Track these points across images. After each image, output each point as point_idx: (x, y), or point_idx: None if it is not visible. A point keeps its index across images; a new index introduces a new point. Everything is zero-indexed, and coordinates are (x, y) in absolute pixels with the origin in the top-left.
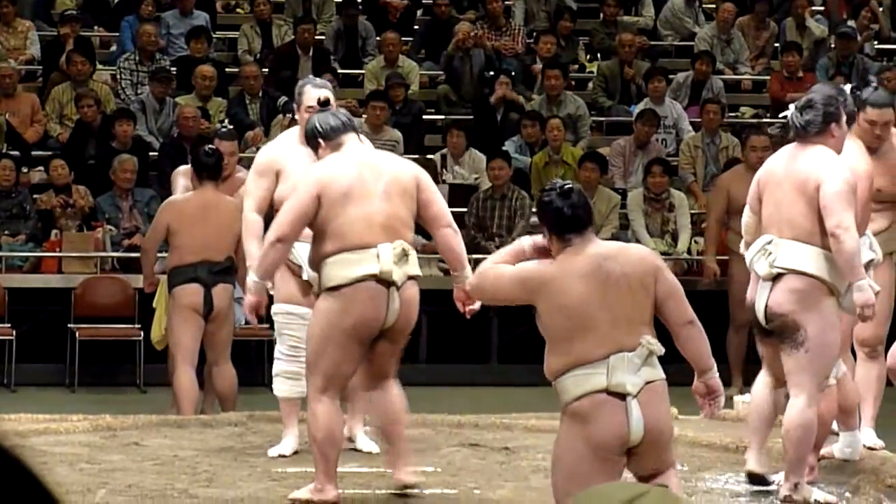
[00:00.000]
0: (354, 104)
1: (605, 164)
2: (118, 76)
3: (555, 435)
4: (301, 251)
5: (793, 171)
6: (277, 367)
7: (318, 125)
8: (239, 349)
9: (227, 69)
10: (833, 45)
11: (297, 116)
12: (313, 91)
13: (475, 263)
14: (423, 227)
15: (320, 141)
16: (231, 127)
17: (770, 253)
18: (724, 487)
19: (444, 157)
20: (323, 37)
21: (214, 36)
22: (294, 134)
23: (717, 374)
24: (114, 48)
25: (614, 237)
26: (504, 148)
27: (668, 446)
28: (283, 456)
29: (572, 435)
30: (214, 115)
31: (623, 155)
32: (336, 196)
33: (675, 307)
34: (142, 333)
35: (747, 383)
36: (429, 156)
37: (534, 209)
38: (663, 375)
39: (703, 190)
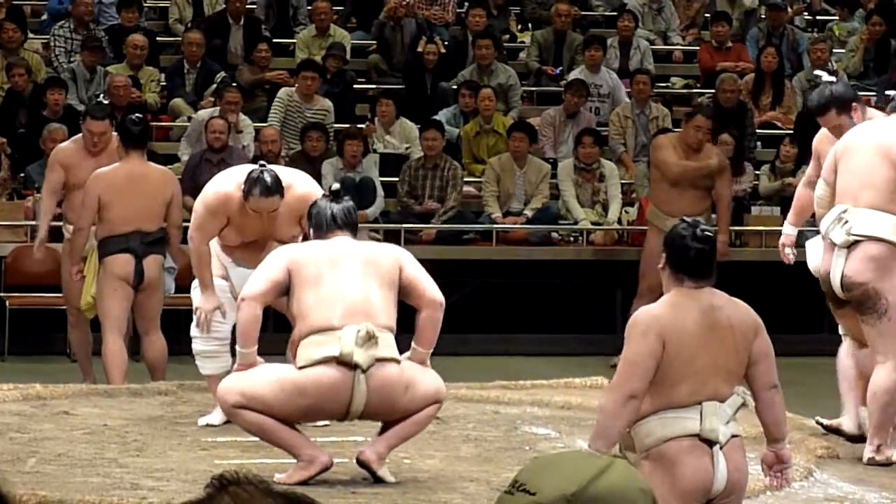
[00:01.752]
0: (285, 75)
1: (535, 133)
2: (52, 44)
3: (483, 405)
4: (236, 277)
5: (878, 138)
6: (196, 346)
7: (316, 215)
8: (169, 318)
9: (157, 38)
10: (763, 16)
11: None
12: (258, 201)
13: (405, 234)
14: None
15: (311, 229)
16: (106, 101)
17: (846, 221)
18: None
19: (374, 126)
20: (254, 6)
21: (145, 5)
22: (240, 175)
23: (788, 446)
24: (45, 17)
25: (545, 207)
26: (437, 118)
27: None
28: (212, 426)
29: (655, 481)
30: (146, 84)
31: (553, 125)
32: (307, 276)
33: (765, 369)
34: None
35: None
36: (359, 125)
37: (466, 179)
38: (742, 432)
39: (633, 160)
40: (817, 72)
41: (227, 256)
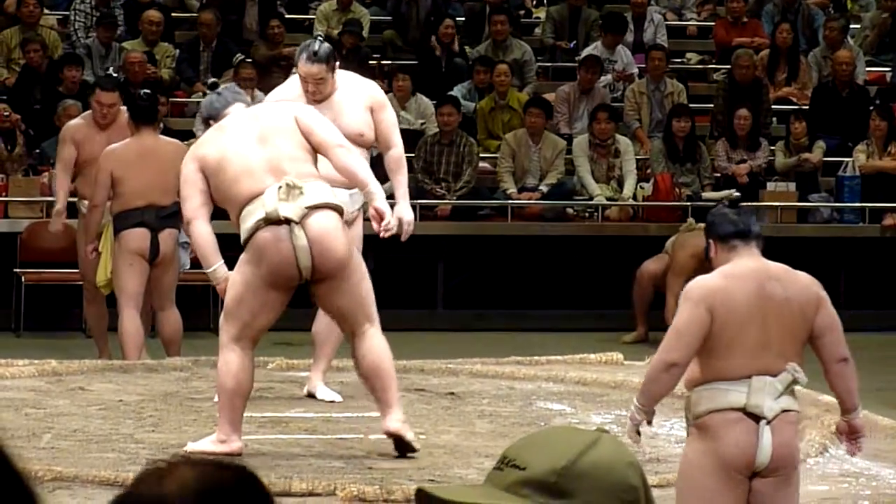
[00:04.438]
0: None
1: (551, 109)
2: (72, 18)
3: (498, 380)
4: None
5: None
6: None
7: (202, 111)
8: (184, 294)
9: (173, 14)
10: None
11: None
12: (304, 66)
13: (420, 210)
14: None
15: (210, 122)
16: (115, 75)
17: None
18: (670, 433)
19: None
20: None
21: None
22: (297, 84)
23: (861, 415)
24: None
25: (560, 183)
26: (452, 93)
27: (791, 481)
28: None
29: (700, 450)
30: (161, 60)
31: (568, 101)
32: (213, 164)
33: (831, 342)
34: None
35: (652, 329)
36: None
37: (481, 155)
38: (798, 408)
39: (648, 136)
40: None
41: None
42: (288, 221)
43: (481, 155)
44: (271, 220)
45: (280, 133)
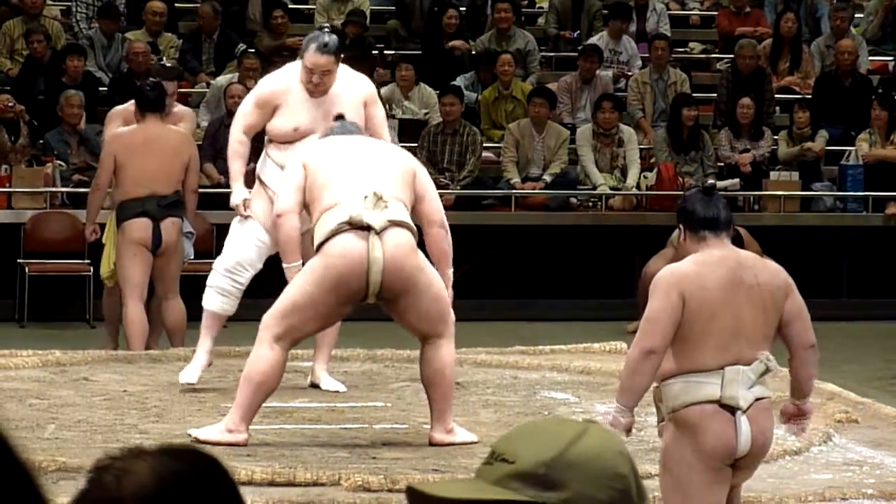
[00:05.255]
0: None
1: (554, 99)
2: (73, 9)
3: (502, 370)
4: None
5: None
6: (212, 279)
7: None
8: (188, 283)
9: (176, 4)
10: None
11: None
12: (312, 56)
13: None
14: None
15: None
16: (169, 65)
17: None
18: None
19: (393, 91)
20: None
21: None
22: (297, 69)
23: (811, 400)
24: None
25: (563, 172)
26: (455, 83)
27: (759, 463)
28: (191, 384)
29: (681, 444)
30: (165, 50)
31: (570, 91)
32: (313, 166)
33: (800, 328)
34: (91, 269)
35: None
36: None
37: (485, 144)
38: (772, 394)
39: (651, 125)
40: None
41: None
42: (368, 229)
43: (485, 145)
44: (354, 225)
45: (390, 165)
